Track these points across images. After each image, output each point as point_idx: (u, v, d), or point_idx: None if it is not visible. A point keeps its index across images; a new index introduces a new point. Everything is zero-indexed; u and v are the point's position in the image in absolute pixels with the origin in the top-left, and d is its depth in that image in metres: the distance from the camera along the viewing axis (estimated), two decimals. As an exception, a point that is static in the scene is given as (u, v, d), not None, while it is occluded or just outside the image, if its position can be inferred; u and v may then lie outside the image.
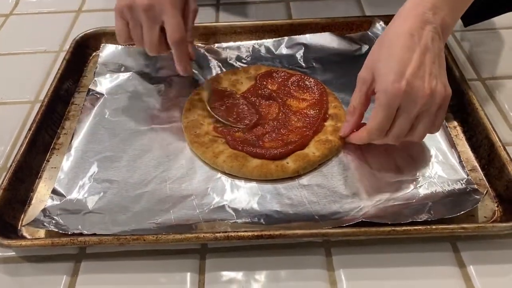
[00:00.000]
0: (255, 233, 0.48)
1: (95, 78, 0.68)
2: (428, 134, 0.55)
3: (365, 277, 0.48)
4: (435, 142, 0.58)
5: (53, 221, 0.51)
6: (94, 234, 0.49)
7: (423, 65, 0.50)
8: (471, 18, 0.72)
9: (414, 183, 0.54)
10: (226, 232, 0.49)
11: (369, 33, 0.74)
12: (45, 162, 0.60)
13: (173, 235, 0.48)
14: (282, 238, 0.48)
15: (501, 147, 0.55)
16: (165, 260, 0.50)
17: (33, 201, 0.55)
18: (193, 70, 0.67)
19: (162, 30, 0.58)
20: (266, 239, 0.48)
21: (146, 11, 0.56)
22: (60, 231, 0.49)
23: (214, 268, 0.49)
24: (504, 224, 0.48)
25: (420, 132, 0.52)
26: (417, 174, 0.55)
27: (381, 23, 0.74)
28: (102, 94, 0.66)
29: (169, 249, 0.51)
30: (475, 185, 0.53)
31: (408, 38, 0.50)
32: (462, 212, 0.49)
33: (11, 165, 0.56)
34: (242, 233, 0.48)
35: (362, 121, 0.57)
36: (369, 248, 0.50)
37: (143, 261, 0.50)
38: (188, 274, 0.49)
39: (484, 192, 0.52)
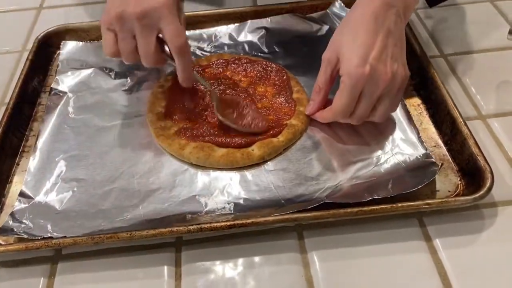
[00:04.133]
0: (228, 223, 0.49)
1: (57, 77, 0.68)
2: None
3: (336, 258, 0.50)
4: (396, 120, 0.59)
5: (23, 225, 0.51)
6: (65, 236, 0.49)
7: (385, 49, 0.52)
8: None
9: (375, 161, 0.56)
10: (199, 224, 0.49)
11: (329, 11, 0.75)
12: (15, 166, 0.59)
13: (146, 230, 0.49)
14: (254, 225, 0.49)
15: (462, 123, 0.56)
16: (141, 256, 0.51)
17: (4, 207, 0.55)
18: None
19: (157, 39, 0.54)
20: (238, 227, 0.49)
21: (140, 20, 0.52)
22: (30, 237, 0.49)
23: (190, 260, 0.50)
24: (465, 198, 0.50)
25: (381, 113, 0.54)
26: (378, 152, 0.57)
27: (340, 2, 0.75)
28: (65, 93, 0.66)
29: (144, 245, 0.51)
30: (433, 159, 0.54)
31: (372, 21, 0.52)
32: (420, 186, 0.51)
33: (-21, 172, 0.55)
34: (215, 224, 0.49)
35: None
36: (339, 229, 0.52)
37: (119, 258, 0.50)
38: (165, 267, 0.50)
39: (440, 164, 0.54)
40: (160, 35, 0.55)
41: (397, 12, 0.53)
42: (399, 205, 0.50)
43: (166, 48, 0.56)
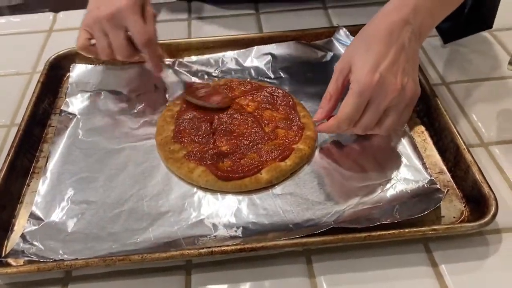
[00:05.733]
0: (238, 247, 0.50)
1: (67, 99, 0.69)
2: (393, 138, 0.59)
3: (344, 282, 0.50)
4: (400, 147, 0.61)
5: (33, 248, 0.51)
6: (77, 258, 0.50)
7: (397, 62, 0.53)
8: (450, 35, 0.77)
9: (381, 186, 0.57)
10: (209, 247, 0.50)
11: (333, 39, 0.77)
12: (25, 186, 0.60)
13: (158, 253, 0.49)
14: (264, 250, 0.50)
15: (466, 150, 0.58)
16: (151, 278, 0.51)
17: (15, 227, 0.55)
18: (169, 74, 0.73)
19: (130, 38, 0.64)
20: (248, 252, 0.50)
21: (109, 20, 0.62)
22: (41, 260, 0.50)
23: (199, 283, 0.51)
24: (471, 224, 0.51)
25: (386, 126, 0.55)
26: (384, 177, 0.58)
27: (345, 29, 0.77)
28: (74, 115, 0.67)
29: (154, 267, 0.52)
30: (437, 185, 0.55)
31: (387, 34, 0.54)
32: (426, 212, 0.52)
33: (-10, 192, 0.56)
34: (225, 248, 0.50)
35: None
36: (347, 253, 0.52)
37: (130, 281, 0.51)
38: (175, 290, 0.50)
39: (445, 191, 0.55)
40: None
41: (413, 30, 0.54)
42: (406, 230, 0.51)
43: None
